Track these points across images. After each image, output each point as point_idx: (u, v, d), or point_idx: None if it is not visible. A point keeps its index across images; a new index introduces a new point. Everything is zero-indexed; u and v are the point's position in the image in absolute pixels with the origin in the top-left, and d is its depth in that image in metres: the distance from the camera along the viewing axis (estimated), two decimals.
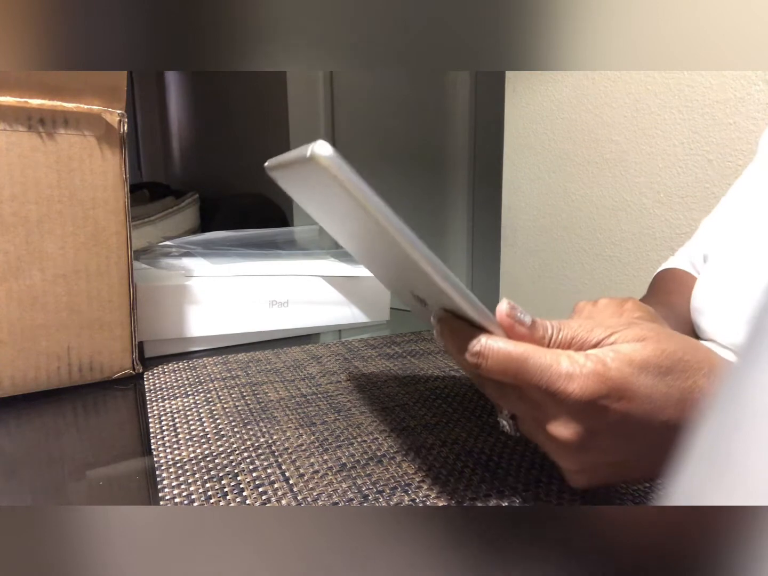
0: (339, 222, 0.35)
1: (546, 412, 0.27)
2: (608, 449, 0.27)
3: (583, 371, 0.25)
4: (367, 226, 0.28)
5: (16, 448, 0.40)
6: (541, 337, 0.27)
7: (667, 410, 0.26)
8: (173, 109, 3.50)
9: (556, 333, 0.28)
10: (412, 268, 0.27)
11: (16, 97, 0.44)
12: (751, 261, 0.46)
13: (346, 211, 0.29)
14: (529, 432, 0.29)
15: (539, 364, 0.26)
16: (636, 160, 1.07)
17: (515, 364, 0.26)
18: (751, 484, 0.10)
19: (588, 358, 0.26)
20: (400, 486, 0.34)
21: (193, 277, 0.60)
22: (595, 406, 0.25)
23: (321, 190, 0.30)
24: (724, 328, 0.47)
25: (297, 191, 0.38)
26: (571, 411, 0.26)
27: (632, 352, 0.26)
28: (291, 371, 0.54)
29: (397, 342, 0.63)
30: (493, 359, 0.26)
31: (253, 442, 0.39)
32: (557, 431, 0.26)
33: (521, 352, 0.26)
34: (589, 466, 0.27)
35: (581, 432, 0.26)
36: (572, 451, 0.27)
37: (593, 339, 0.27)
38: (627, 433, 0.26)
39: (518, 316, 0.27)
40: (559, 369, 0.25)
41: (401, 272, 0.32)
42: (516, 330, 0.27)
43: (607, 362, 0.25)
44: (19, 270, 0.45)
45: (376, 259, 0.36)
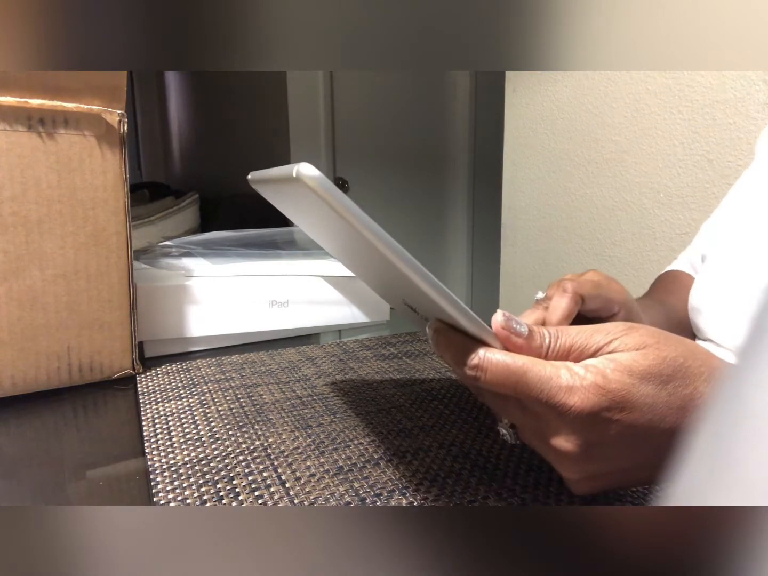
0: (327, 236, 0.36)
1: (547, 424, 0.26)
2: (610, 459, 0.27)
3: (583, 384, 0.25)
4: (356, 242, 0.28)
5: (16, 448, 0.40)
6: (539, 346, 0.27)
7: (669, 418, 0.25)
8: (173, 109, 3.50)
9: (554, 341, 0.27)
10: (404, 282, 0.27)
11: (16, 97, 0.44)
12: (750, 261, 0.46)
13: (334, 228, 0.29)
14: (530, 441, 0.29)
15: (539, 377, 0.25)
16: (636, 160, 1.07)
17: (514, 378, 0.26)
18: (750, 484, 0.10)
19: (588, 370, 0.25)
20: (397, 489, 0.33)
21: (193, 277, 0.60)
22: (596, 419, 0.25)
23: (307, 208, 0.30)
24: (722, 328, 0.47)
25: (281, 204, 0.38)
26: (572, 423, 0.25)
27: (632, 362, 0.25)
28: (286, 373, 0.53)
29: (392, 343, 0.63)
30: (491, 372, 0.26)
31: (249, 445, 0.39)
32: (558, 443, 0.26)
33: (520, 365, 0.26)
34: (590, 474, 0.27)
35: (583, 444, 0.26)
36: (574, 462, 0.26)
37: (592, 346, 0.27)
38: (629, 443, 0.26)
39: (514, 328, 0.27)
40: (559, 382, 0.25)
41: (393, 284, 0.32)
42: (513, 341, 0.27)
43: (607, 374, 0.25)
44: (19, 270, 0.45)
45: (366, 270, 0.36)
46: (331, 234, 0.33)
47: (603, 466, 0.27)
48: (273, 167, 0.32)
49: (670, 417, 0.25)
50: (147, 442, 0.40)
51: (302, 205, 0.31)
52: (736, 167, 0.90)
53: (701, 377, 0.26)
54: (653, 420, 0.25)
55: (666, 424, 0.25)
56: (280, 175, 0.28)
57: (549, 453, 0.28)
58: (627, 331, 0.27)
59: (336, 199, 0.24)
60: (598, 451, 0.26)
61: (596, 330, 0.27)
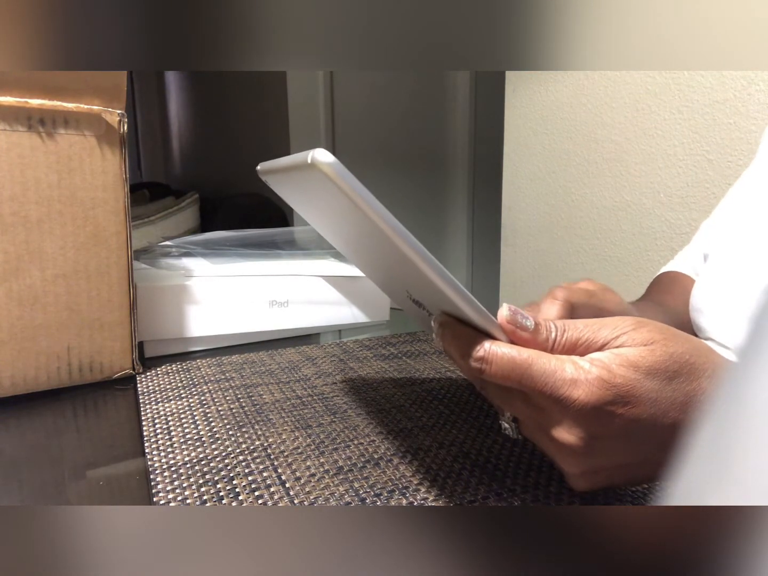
0: (336, 226, 0.36)
1: (550, 417, 0.26)
2: (612, 453, 0.27)
3: (588, 377, 0.25)
4: (366, 230, 0.28)
5: (16, 448, 0.40)
6: (545, 339, 0.27)
7: (672, 413, 0.25)
8: (173, 109, 3.50)
9: (560, 335, 0.27)
10: (412, 271, 0.27)
11: (16, 97, 0.44)
12: (751, 261, 0.46)
13: (346, 216, 0.29)
14: (532, 435, 0.29)
15: (544, 370, 0.25)
16: (636, 160, 1.07)
17: (519, 370, 0.26)
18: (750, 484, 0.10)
19: (593, 363, 0.25)
20: (397, 489, 0.33)
21: (193, 277, 0.60)
22: (600, 412, 0.25)
23: (319, 195, 0.30)
24: (724, 328, 0.47)
25: (291, 195, 0.38)
26: (576, 417, 0.25)
27: (639, 357, 0.25)
28: (286, 373, 0.53)
29: (392, 343, 0.63)
30: (496, 365, 0.26)
31: (249, 445, 0.39)
32: (561, 436, 0.26)
33: (525, 358, 0.26)
34: (591, 469, 0.27)
35: (585, 437, 0.26)
36: (576, 456, 0.26)
37: (600, 340, 0.27)
38: (631, 438, 0.26)
39: (520, 322, 0.27)
40: (563, 375, 0.25)
41: (400, 275, 0.32)
42: (519, 335, 0.27)
43: (612, 368, 0.25)
44: (19, 270, 0.45)
45: (372, 262, 0.36)
46: (341, 223, 0.33)
47: (604, 460, 0.27)
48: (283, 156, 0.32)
49: (673, 412, 0.25)
50: (147, 442, 0.40)
51: (314, 192, 0.31)
52: (736, 167, 0.90)
53: (705, 373, 0.26)
54: (656, 415, 0.25)
55: (669, 419, 0.25)
56: (293, 163, 0.28)
57: (551, 447, 0.28)
58: (635, 326, 0.27)
59: (351, 185, 0.24)
60: (600, 444, 0.26)
61: (604, 324, 0.27)
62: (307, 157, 0.24)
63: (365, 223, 0.26)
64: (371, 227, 0.26)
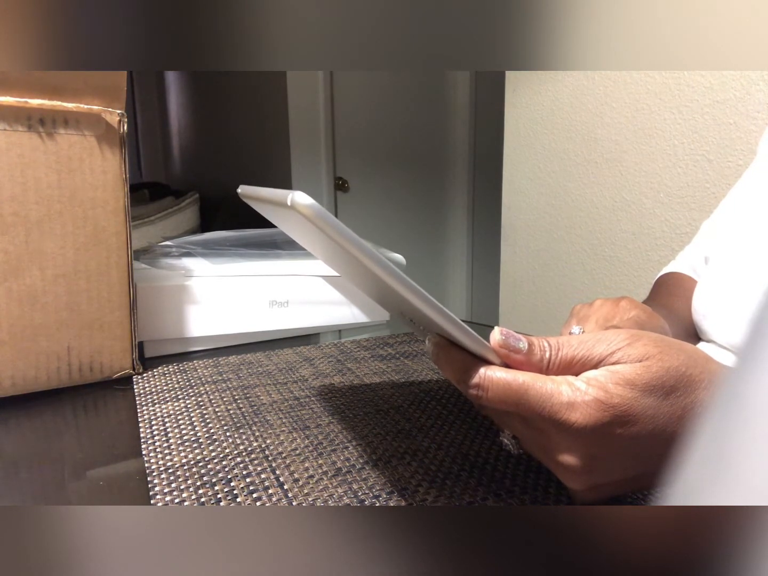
0: (321, 253, 0.36)
1: (549, 438, 0.26)
2: (613, 470, 0.27)
3: (585, 399, 0.25)
4: (352, 264, 0.28)
5: (16, 448, 0.40)
6: (540, 360, 0.27)
7: (670, 427, 0.25)
8: (173, 109, 3.50)
9: (554, 354, 0.27)
10: (402, 301, 0.27)
11: (16, 97, 0.44)
12: (753, 263, 0.46)
13: (329, 249, 0.30)
14: (532, 453, 0.29)
15: (540, 395, 0.25)
16: (636, 160, 1.07)
17: (516, 396, 0.26)
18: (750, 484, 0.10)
19: (589, 384, 0.25)
20: (396, 490, 0.33)
21: (193, 277, 0.60)
22: (598, 433, 0.25)
23: (302, 229, 0.31)
24: (726, 330, 0.47)
25: (276, 221, 0.39)
26: (575, 438, 0.25)
27: (635, 375, 0.25)
28: (283, 374, 0.53)
29: (390, 343, 0.63)
30: (492, 391, 0.26)
31: (246, 446, 0.39)
32: (562, 458, 0.26)
33: (521, 383, 0.26)
34: (594, 485, 0.27)
35: (585, 458, 0.26)
36: (577, 475, 0.27)
37: (595, 357, 0.26)
38: (631, 455, 0.26)
39: (512, 345, 0.27)
40: (560, 398, 0.25)
41: (392, 301, 0.32)
42: (513, 358, 0.27)
43: (609, 388, 0.25)
44: (19, 270, 0.45)
45: (363, 284, 0.37)
46: (326, 253, 0.34)
47: (606, 477, 0.27)
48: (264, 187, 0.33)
49: (671, 426, 0.25)
50: (144, 444, 0.40)
51: (297, 227, 0.32)
52: (736, 167, 0.90)
53: (701, 384, 0.26)
54: (655, 431, 0.25)
55: (668, 433, 0.25)
56: (273, 199, 0.29)
57: (552, 465, 0.28)
58: (630, 341, 0.26)
59: (331, 226, 0.25)
60: (600, 464, 0.26)
61: (598, 340, 0.27)
62: (287, 200, 0.25)
63: (350, 259, 0.26)
64: (356, 263, 0.26)
